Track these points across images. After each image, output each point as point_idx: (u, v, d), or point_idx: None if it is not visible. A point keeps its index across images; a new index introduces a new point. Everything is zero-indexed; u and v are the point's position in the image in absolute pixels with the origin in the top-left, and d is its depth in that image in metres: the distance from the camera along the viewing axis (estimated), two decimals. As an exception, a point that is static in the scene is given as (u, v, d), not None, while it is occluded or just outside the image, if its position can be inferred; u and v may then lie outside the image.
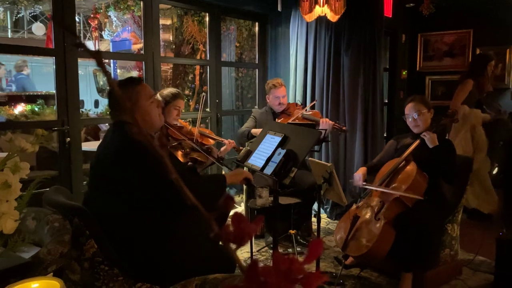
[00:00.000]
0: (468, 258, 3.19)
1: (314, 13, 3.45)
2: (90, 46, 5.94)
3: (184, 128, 3.03)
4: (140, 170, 1.77)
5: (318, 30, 4.34)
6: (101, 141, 2.08)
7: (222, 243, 0.45)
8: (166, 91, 2.99)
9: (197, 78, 5.72)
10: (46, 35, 7.00)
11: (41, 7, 6.82)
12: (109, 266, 1.74)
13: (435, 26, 5.64)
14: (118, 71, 8.48)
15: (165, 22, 5.79)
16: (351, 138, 4.23)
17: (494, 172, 4.41)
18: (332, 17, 3.45)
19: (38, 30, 7.48)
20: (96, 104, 8.26)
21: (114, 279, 1.74)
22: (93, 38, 6.76)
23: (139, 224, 1.82)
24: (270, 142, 2.59)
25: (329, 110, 4.31)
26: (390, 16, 4.92)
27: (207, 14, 4.40)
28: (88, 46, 0.47)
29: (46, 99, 5.86)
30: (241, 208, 4.34)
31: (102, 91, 8.53)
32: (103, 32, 6.62)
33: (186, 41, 5.60)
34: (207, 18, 4.41)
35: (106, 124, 4.81)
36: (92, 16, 6.03)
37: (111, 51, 7.09)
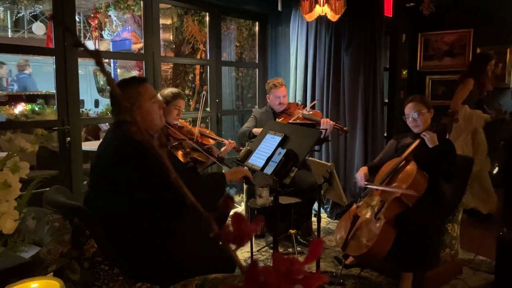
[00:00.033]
0: (468, 257, 3.19)
1: (315, 12, 3.44)
2: (90, 45, 5.93)
3: (184, 128, 3.03)
4: (140, 170, 1.77)
5: (318, 30, 4.34)
6: (101, 140, 2.08)
7: (221, 243, 0.44)
8: (166, 91, 2.99)
9: (197, 77, 5.72)
10: (46, 35, 7.01)
11: (41, 7, 6.83)
12: (109, 266, 1.74)
13: (436, 25, 5.64)
14: (118, 71, 8.49)
15: (165, 21, 5.78)
16: (351, 137, 4.23)
17: (494, 172, 4.41)
18: (332, 16, 3.45)
19: (38, 29, 7.48)
20: (96, 103, 8.26)
21: (114, 279, 1.74)
22: (93, 38, 6.76)
23: (139, 224, 1.82)
24: (270, 142, 2.59)
25: (329, 109, 4.31)
26: (391, 15, 4.92)
27: (207, 14, 4.39)
28: (87, 46, 0.46)
29: (46, 99, 5.87)
30: (241, 207, 4.33)
31: (102, 91, 8.53)
32: (103, 31, 6.62)
33: (186, 40, 5.60)
34: (207, 18, 4.40)
35: (107, 123, 4.82)
36: (92, 15, 6.03)
37: (111, 51, 7.09)
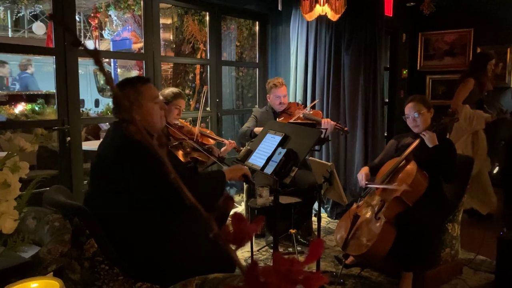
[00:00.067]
0: (468, 257, 3.19)
1: (315, 12, 3.44)
2: (91, 45, 5.93)
3: (184, 127, 3.03)
4: (140, 170, 1.77)
5: (319, 29, 4.34)
6: (101, 140, 2.08)
7: (221, 243, 0.44)
8: (167, 91, 2.99)
9: (197, 77, 5.72)
10: (46, 35, 7.01)
11: (41, 6, 6.83)
12: (109, 265, 1.74)
13: (436, 25, 5.63)
14: (119, 71, 8.49)
15: (165, 21, 5.78)
16: (352, 137, 4.23)
17: (494, 171, 4.41)
18: (332, 16, 3.45)
19: (39, 29, 7.48)
20: (96, 103, 8.26)
21: (114, 279, 1.74)
22: (93, 37, 6.77)
23: (139, 223, 1.82)
24: (270, 142, 2.59)
25: (329, 109, 4.30)
26: (391, 15, 4.92)
27: (208, 13, 4.39)
28: (87, 45, 0.46)
29: (47, 99, 5.88)
30: (241, 207, 4.33)
31: (102, 91, 8.53)
32: (104, 31, 6.62)
33: (187, 40, 5.60)
34: (208, 17, 4.40)
35: (107, 123, 4.81)
36: (92, 15, 6.03)
37: (112, 50, 7.09)
